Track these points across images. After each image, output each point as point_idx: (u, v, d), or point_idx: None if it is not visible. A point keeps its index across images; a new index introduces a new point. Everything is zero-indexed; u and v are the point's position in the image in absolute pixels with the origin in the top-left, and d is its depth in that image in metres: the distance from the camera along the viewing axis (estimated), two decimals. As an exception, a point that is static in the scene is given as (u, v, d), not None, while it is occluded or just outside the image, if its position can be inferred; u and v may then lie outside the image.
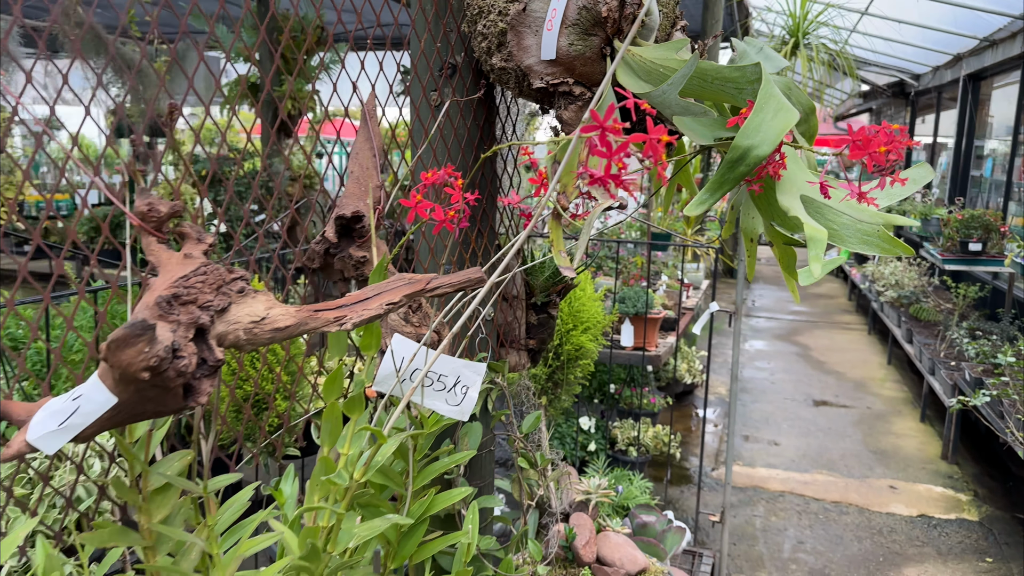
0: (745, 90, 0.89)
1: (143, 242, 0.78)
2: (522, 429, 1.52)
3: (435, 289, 0.82)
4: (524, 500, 1.57)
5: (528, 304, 1.63)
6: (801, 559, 3.66)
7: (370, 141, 1.12)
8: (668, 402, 4.08)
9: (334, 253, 1.11)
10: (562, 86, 1.10)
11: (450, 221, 0.85)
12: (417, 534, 1.14)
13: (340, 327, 0.83)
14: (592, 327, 2.17)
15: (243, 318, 0.80)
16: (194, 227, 0.81)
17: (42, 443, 0.72)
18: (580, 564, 1.76)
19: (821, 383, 6.44)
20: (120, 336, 0.66)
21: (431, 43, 1.30)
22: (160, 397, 0.73)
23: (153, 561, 0.91)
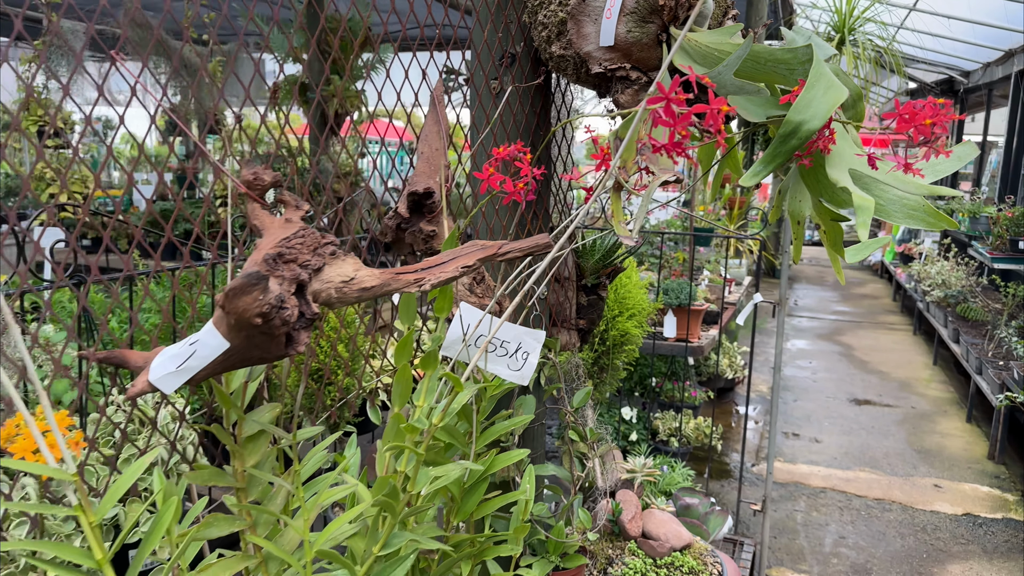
0: (796, 71, 0.94)
1: (248, 207, 0.87)
2: (573, 404, 1.59)
3: (506, 253, 0.90)
4: (573, 471, 1.64)
5: (579, 285, 1.70)
6: (843, 553, 3.66)
7: (438, 125, 1.20)
8: (709, 396, 4.10)
9: (405, 228, 1.20)
10: (619, 71, 1.17)
11: (519, 193, 0.93)
12: (478, 492, 1.22)
13: (419, 288, 0.91)
14: (637, 314, 2.23)
15: (335, 277, 0.89)
16: (292, 196, 0.89)
17: (162, 383, 0.81)
18: (626, 537, 1.82)
19: (864, 382, 6.37)
20: (238, 285, 0.75)
21: (492, 33, 1.38)
22: (265, 344, 0.82)
23: (244, 502, 1.00)
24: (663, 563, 1.75)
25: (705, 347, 3.34)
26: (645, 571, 1.73)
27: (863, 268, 13.16)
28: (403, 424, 0.96)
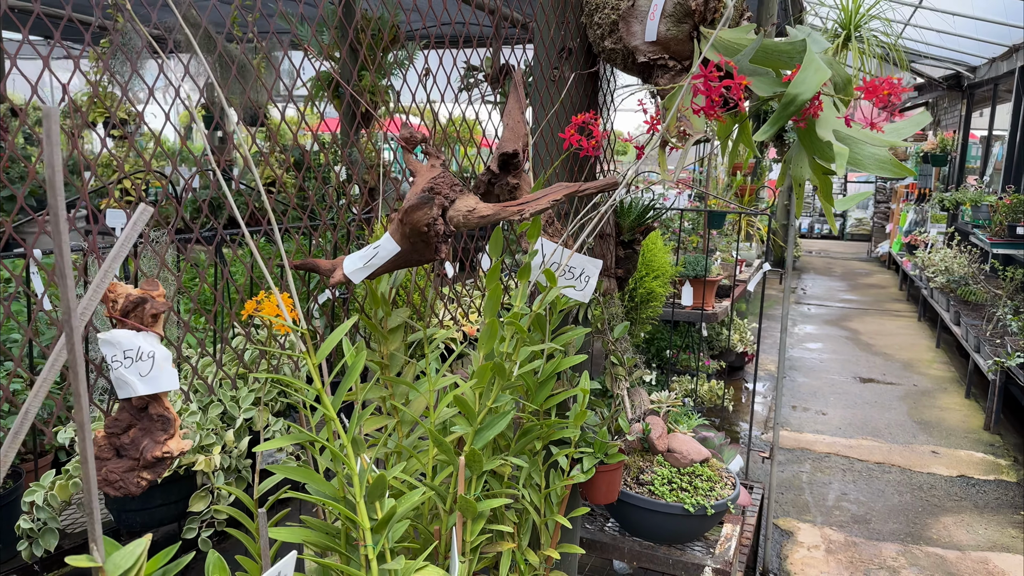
0: (795, 58, 1.29)
1: (404, 157, 1.22)
2: (614, 334, 1.94)
3: (585, 190, 1.25)
4: (614, 389, 1.99)
5: (617, 240, 2.05)
6: (844, 507, 4.00)
7: (519, 103, 1.55)
8: (721, 366, 4.44)
9: (494, 182, 1.55)
10: (660, 60, 1.52)
11: (591, 148, 1.28)
12: (547, 386, 1.57)
13: (521, 216, 1.26)
14: (661, 275, 2.57)
15: (462, 207, 1.25)
16: (435, 149, 1.25)
17: (353, 276, 1.17)
18: (654, 452, 2.17)
19: (869, 363, 6.70)
20: (414, 203, 1.10)
21: (555, 31, 1.73)
22: (422, 249, 1.18)
23: (386, 375, 1.36)
24: (686, 472, 2.10)
25: (719, 314, 3.68)
26: (671, 477, 2.08)
27: (871, 260, 13.45)
28: (506, 317, 1.32)
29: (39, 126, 7.34)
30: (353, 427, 1.12)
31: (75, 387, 0.72)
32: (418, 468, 1.37)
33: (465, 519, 1.29)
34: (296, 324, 1.08)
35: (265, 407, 1.82)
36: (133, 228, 0.85)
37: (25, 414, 0.83)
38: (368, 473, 1.13)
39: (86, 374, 1.08)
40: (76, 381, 0.72)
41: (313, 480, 1.12)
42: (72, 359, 0.71)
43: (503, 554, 1.51)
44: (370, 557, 1.09)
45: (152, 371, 0.96)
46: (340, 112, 4.38)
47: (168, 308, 1.00)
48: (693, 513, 1.99)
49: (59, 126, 0.66)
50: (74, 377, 0.72)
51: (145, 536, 0.82)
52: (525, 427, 1.58)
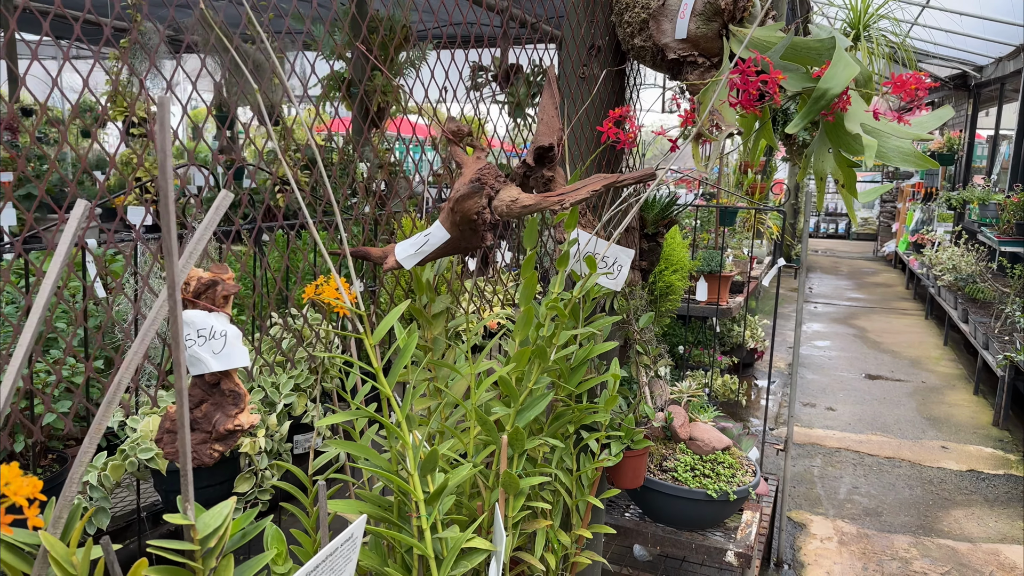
0: (823, 55, 1.35)
1: (451, 149, 1.28)
2: (639, 324, 2.00)
3: (623, 181, 1.31)
4: (640, 378, 2.05)
5: (641, 233, 2.11)
6: (856, 500, 4.05)
7: (553, 99, 1.61)
8: (733, 362, 4.49)
9: (529, 175, 1.61)
10: (690, 57, 1.58)
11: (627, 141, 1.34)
12: (580, 372, 1.63)
13: (562, 206, 1.32)
14: (679, 269, 2.62)
15: (506, 197, 1.30)
16: (479, 143, 1.31)
17: (405, 262, 1.23)
18: (676, 440, 2.22)
19: (877, 360, 6.74)
20: (465, 192, 1.16)
21: (584, 29, 1.79)
22: (470, 237, 1.24)
23: (429, 357, 1.42)
24: (708, 459, 2.16)
25: (733, 309, 3.73)
26: (694, 464, 2.13)
27: (877, 259, 13.48)
28: (545, 301, 1.37)
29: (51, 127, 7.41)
30: (407, 405, 1.18)
31: (175, 357, 0.78)
32: (459, 448, 1.43)
33: (507, 495, 1.35)
34: (355, 306, 1.14)
35: (303, 394, 1.89)
36: (216, 212, 0.91)
37: (117, 385, 0.89)
38: (420, 449, 1.19)
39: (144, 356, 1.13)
40: (177, 351, 0.78)
41: (368, 454, 1.18)
42: (174, 330, 0.77)
43: (538, 532, 1.57)
44: (424, 527, 1.15)
45: (225, 349, 1.02)
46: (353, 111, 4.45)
47: (238, 290, 1.06)
48: (716, 498, 2.05)
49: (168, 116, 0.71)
50: (175, 347, 0.78)
51: (230, 499, 0.88)
52: (558, 411, 1.64)
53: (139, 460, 1.47)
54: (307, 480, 1.28)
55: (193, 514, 0.83)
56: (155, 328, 0.88)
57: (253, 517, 0.94)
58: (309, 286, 1.20)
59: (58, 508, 0.90)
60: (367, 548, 1.26)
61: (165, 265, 0.74)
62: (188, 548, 0.83)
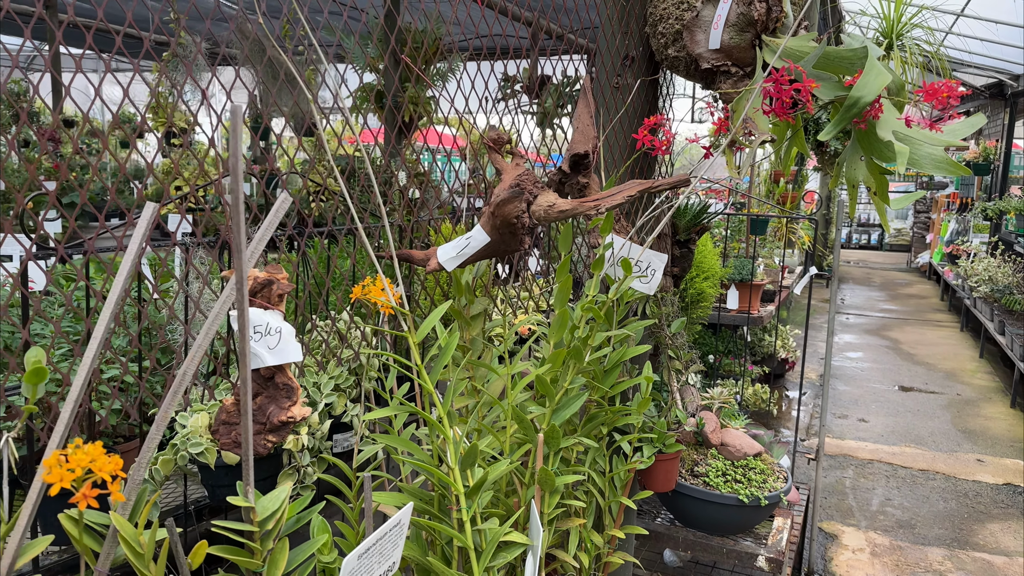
0: (856, 64, 1.37)
1: (491, 156, 1.33)
2: (671, 329, 2.03)
3: (658, 187, 1.34)
4: (672, 383, 2.07)
5: (673, 240, 2.14)
6: (889, 512, 4.01)
7: (589, 108, 1.65)
8: (764, 371, 4.48)
9: (564, 182, 1.65)
10: (723, 67, 1.61)
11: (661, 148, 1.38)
12: (613, 374, 1.66)
13: (598, 211, 1.36)
14: (711, 276, 2.64)
15: (543, 203, 1.35)
16: (518, 150, 1.35)
17: (447, 264, 1.28)
18: (708, 446, 2.24)
19: (910, 372, 6.65)
20: (505, 197, 1.21)
21: (619, 40, 1.83)
22: (509, 240, 1.28)
23: (469, 356, 1.46)
24: (740, 465, 2.17)
25: (764, 318, 3.73)
26: (725, 469, 2.15)
27: (911, 270, 13.29)
28: (581, 304, 1.41)
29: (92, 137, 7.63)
30: (448, 401, 1.22)
31: (241, 347, 0.84)
32: (496, 446, 1.47)
33: (543, 492, 1.39)
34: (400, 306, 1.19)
35: (343, 394, 1.94)
36: (275, 214, 0.97)
37: (183, 375, 0.95)
38: (461, 444, 1.23)
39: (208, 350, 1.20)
40: (243, 341, 0.83)
41: (411, 448, 1.23)
42: (241, 322, 0.82)
43: (571, 531, 1.60)
44: (464, 519, 1.20)
45: (279, 344, 1.08)
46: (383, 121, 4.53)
47: (291, 289, 1.11)
48: (747, 504, 2.06)
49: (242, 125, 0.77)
50: (242, 338, 0.83)
51: (286, 484, 0.93)
52: (591, 413, 1.67)
53: (189, 454, 1.53)
54: (351, 474, 1.33)
55: (253, 497, 0.89)
56: (219, 322, 0.94)
57: (306, 503, 0.99)
58: (356, 287, 1.25)
59: (127, 491, 0.96)
60: (408, 540, 1.31)
61: (234, 262, 0.79)
62: (248, 529, 0.88)
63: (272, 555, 0.91)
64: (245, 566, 0.90)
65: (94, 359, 0.93)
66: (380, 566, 0.93)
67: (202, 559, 0.96)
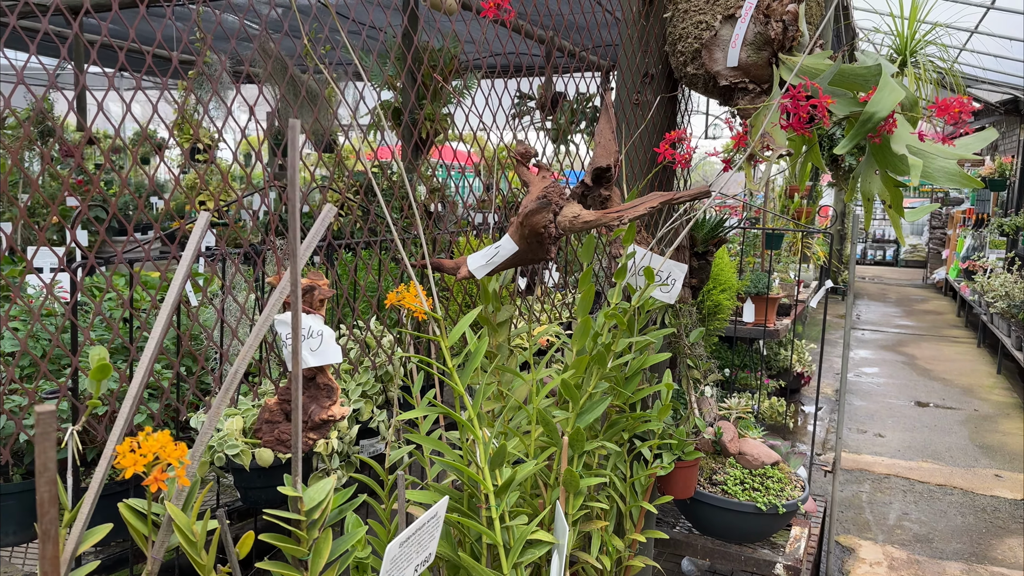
0: (870, 81, 1.43)
1: (518, 168, 1.39)
2: (690, 339, 2.07)
3: (680, 198, 1.40)
4: (690, 392, 2.11)
5: (691, 252, 2.19)
6: (906, 526, 4.00)
7: (610, 123, 1.71)
8: (780, 385, 4.50)
9: (587, 194, 1.71)
10: (740, 84, 1.67)
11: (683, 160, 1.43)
12: (634, 381, 1.71)
13: (620, 222, 1.42)
14: (727, 289, 2.68)
15: (568, 214, 1.40)
16: (545, 164, 1.41)
17: (476, 272, 1.33)
18: (726, 455, 2.28)
19: (927, 388, 6.63)
20: (534, 208, 1.27)
21: (639, 58, 1.89)
22: (536, 249, 1.34)
23: (497, 362, 1.51)
24: (757, 473, 2.21)
25: (780, 331, 3.76)
26: (743, 478, 2.18)
27: (926, 286, 13.23)
28: (604, 311, 1.47)
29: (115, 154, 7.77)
30: (478, 403, 1.27)
31: (294, 345, 0.89)
32: (521, 449, 1.51)
33: (568, 493, 1.44)
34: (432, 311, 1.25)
35: (369, 400, 2.00)
36: (321, 223, 1.03)
37: (235, 374, 1.01)
38: (490, 445, 1.28)
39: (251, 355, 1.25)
40: (296, 340, 0.89)
41: (442, 448, 1.28)
42: (294, 323, 0.88)
43: (593, 534, 1.64)
44: (493, 517, 1.24)
45: (321, 347, 1.14)
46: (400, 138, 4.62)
47: (332, 294, 1.17)
48: (765, 511, 2.09)
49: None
50: (295, 336, 0.89)
51: (332, 476, 0.98)
52: (612, 419, 1.72)
53: (226, 455, 1.59)
54: (384, 474, 1.38)
55: (300, 487, 0.94)
56: (269, 323, 1.00)
57: (348, 496, 1.04)
58: (391, 293, 1.31)
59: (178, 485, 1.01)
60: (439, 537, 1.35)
61: (289, 265, 0.85)
62: (296, 518, 0.94)
63: (317, 544, 0.96)
64: (292, 553, 0.95)
65: (152, 357, 0.99)
66: (418, 556, 0.98)
67: (249, 548, 1.01)
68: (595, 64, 4.31)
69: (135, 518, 0.97)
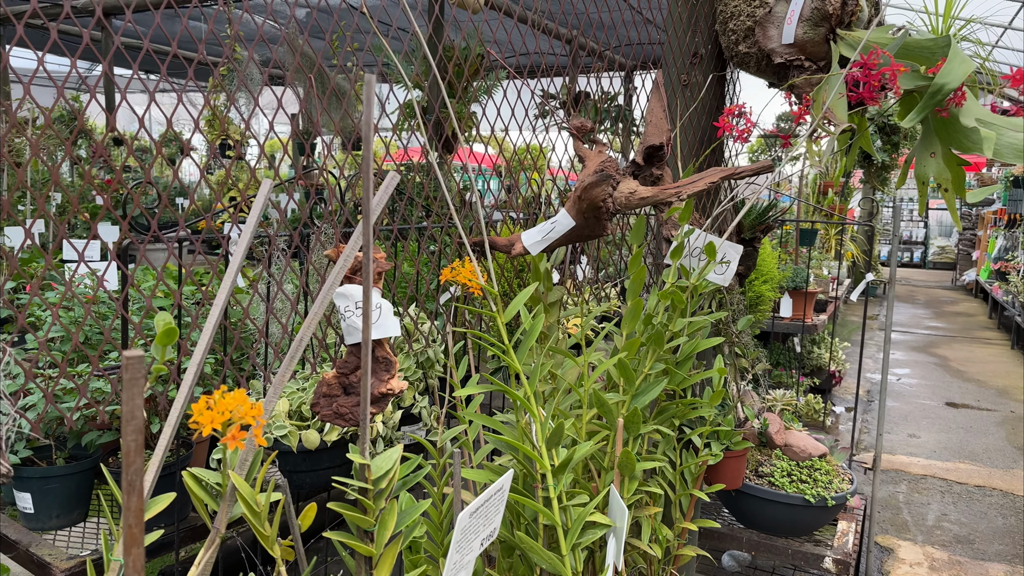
0: (936, 53, 1.38)
1: (573, 144, 1.37)
2: (738, 327, 2.03)
3: (740, 173, 1.36)
4: (738, 381, 2.07)
5: (739, 238, 2.14)
6: (945, 527, 3.92)
7: (661, 102, 1.68)
8: (815, 383, 4.43)
9: (637, 174, 1.68)
10: (796, 61, 1.63)
11: (743, 136, 1.40)
12: (686, 366, 1.67)
13: (679, 197, 1.38)
14: (769, 280, 2.64)
15: (624, 190, 1.37)
16: (600, 138, 1.39)
17: (532, 248, 1.31)
18: (772, 447, 2.23)
19: (960, 389, 6.51)
20: (593, 181, 1.24)
21: (689, 38, 1.86)
22: (592, 225, 1.31)
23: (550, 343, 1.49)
24: (804, 465, 2.16)
25: (818, 326, 3.70)
26: (790, 470, 2.13)
27: (956, 288, 13.01)
28: (660, 291, 1.43)
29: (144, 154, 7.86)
30: (534, 381, 1.25)
31: (364, 309, 0.87)
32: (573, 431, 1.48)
33: (623, 476, 1.40)
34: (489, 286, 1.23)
35: (411, 386, 1.98)
36: (384, 191, 1.01)
37: (299, 342, 0.99)
38: (547, 424, 1.26)
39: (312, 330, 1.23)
40: (367, 302, 0.87)
41: (498, 427, 1.25)
42: (366, 282, 0.86)
43: (642, 521, 1.61)
44: (551, 496, 1.21)
45: (380, 320, 1.11)
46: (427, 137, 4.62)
47: (389, 267, 1.15)
48: (814, 504, 2.04)
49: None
50: (365, 301, 0.87)
51: (398, 446, 0.96)
52: (662, 405, 1.69)
53: (274, 437, 1.58)
54: (436, 454, 1.36)
55: (366, 455, 0.92)
56: (329, 297, 0.97)
57: (413, 467, 1.02)
58: (445, 269, 1.29)
59: (243, 453, 0.99)
60: (493, 519, 1.33)
61: (363, 245, 0.83)
62: (364, 486, 0.91)
63: (383, 516, 0.94)
64: (358, 523, 0.93)
65: (215, 328, 0.97)
66: (484, 529, 0.96)
67: (311, 520, 0.99)
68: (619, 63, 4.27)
69: (199, 488, 0.95)
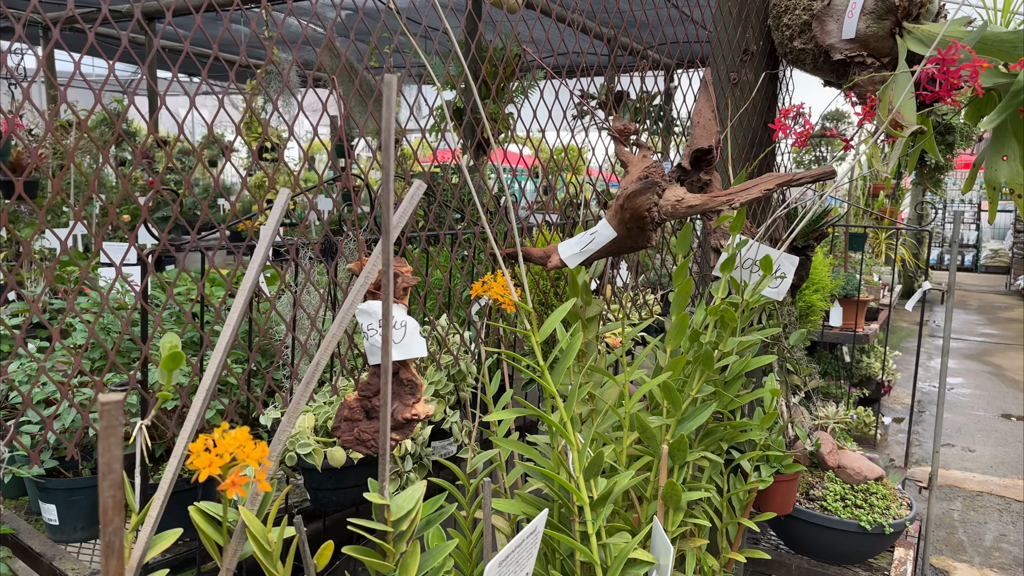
0: (1019, 47, 1.25)
1: (616, 148, 1.27)
2: (790, 341, 1.91)
3: (799, 179, 1.25)
4: (789, 398, 1.95)
5: (790, 246, 2.02)
6: (1004, 548, 3.71)
7: (710, 102, 1.57)
8: (864, 394, 4.25)
9: (684, 180, 1.57)
10: (858, 58, 1.50)
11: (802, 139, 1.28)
12: (735, 386, 1.56)
13: (731, 206, 1.28)
14: (820, 289, 2.50)
15: (671, 197, 1.27)
16: (645, 142, 1.29)
17: (569, 260, 1.21)
18: (824, 468, 2.10)
19: (1017, 400, 6.22)
20: (637, 189, 1.14)
21: (739, 33, 1.74)
22: (636, 236, 1.21)
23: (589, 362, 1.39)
24: (859, 488, 2.02)
25: (870, 336, 3.53)
26: (844, 493, 2.00)
27: (1011, 293, 12.53)
28: (709, 307, 1.32)
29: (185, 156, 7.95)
30: (571, 406, 1.15)
31: (384, 333, 0.79)
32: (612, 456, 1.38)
33: (667, 508, 1.30)
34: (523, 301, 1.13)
35: (442, 400, 1.90)
36: (410, 201, 0.92)
37: (316, 365, 0.91)
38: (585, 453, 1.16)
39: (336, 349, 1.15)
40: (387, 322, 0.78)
41: (533, 455, 1.16)
42: (385, 302, 0.77)
43: (687, 554, 1.50)
44: (589, 532, 1.12)
45: (404, 339, 1.03)
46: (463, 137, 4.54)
47: (416, 283, 1.07)
48: (870, 531, 1.91)
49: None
50: (385, 324, 0.78)
51: (420, 483, 0.87)
52: (709, 428, 1.57)
53: (298, 455, 1.51)
54: (464, 477, 1.27)
55: (387, 494, 0.83)
56: (353, 310, 0.89)
57: (437, 506, 0.93)
58: (476, 283, 1.20)
59: (254, 485, 0.92)
60: (526, 552, 1.23)
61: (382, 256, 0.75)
62: (382, 529, 0.83)
63: (404, 559, 0.85)
64: (377, 569, 0.84)
65: (228, 346, 0.90)
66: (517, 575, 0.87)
67: (327, 560, 0.91)
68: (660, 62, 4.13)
69: (206, 523, 0.88)
